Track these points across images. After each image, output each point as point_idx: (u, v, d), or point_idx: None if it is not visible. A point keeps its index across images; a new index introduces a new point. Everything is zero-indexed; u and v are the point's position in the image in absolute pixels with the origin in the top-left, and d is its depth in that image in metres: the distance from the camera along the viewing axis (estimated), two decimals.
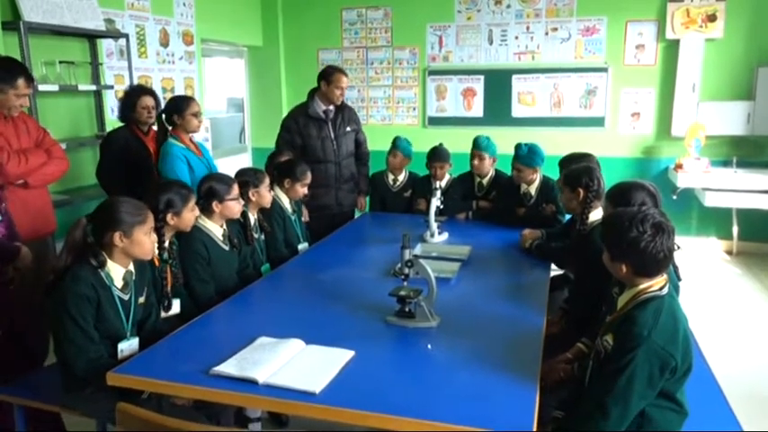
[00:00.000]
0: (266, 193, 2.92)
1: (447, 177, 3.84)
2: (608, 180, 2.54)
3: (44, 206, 2.80)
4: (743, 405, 2.03)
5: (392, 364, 1.87)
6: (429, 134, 5.72)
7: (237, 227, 2.78)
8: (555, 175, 3.43)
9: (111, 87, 4.13)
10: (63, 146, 3.03)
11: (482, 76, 5.81)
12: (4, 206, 2.43)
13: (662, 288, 1.64)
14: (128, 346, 1.99)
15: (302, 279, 2.67)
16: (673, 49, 5.28)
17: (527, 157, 3.38)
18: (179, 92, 4.91)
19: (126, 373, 1.73)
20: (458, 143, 4.29)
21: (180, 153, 3.04)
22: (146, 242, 2.01)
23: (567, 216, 3.19)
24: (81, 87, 3.81)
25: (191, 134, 3.16)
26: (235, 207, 2.62)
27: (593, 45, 5.51)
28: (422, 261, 2.12)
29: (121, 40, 4.19)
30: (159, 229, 2.20)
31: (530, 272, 2.75)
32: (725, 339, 3.57)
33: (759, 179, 4.85)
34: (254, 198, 2.87)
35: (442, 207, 3.25)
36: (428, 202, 3.22)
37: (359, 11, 6.05)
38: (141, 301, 2.10)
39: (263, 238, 2.99)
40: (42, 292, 1.95)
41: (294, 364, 1.74)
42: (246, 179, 2.85)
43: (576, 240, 2.53)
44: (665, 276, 1.67)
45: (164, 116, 3.12)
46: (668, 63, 5.33)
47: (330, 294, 2.39)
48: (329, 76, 3.68)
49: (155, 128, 3.42)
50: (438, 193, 3.19)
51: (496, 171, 3.77)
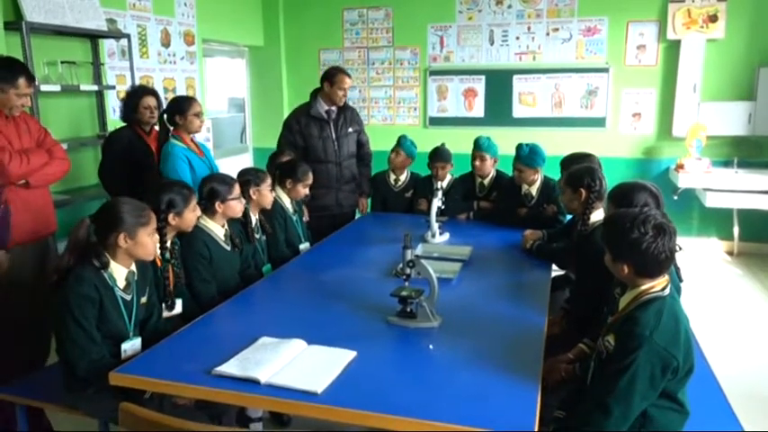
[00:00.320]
0: (267, 193, 2.93)
1: (448, 178, 3.84)
2: (609, 180, 2.55)
3: (45, 206, 2.80)
4: (744, 405, 2.04)
5: (394, 364, 1.87)
6: (430, 134, 5.72)
7: (239, 226, 2.79)
8: (555, 175, 3.43)
9: (113, 87, 4.14)
10: (64, 146, 3.03)
11: (483, 77, 5.81)
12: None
13: (664, 289, 1.65)
14: (131, 346, 2.00)
15: (304, 279, 2.68)
16: (674, 49, 5.28)
17: (528, 157, 3.38)
18: (180, 92, 4.91)
19: (128, 373, 1.73)
20: (459, 143, 4.28)
21: (181, 153, 3.04)
22: (149, 243, 2.02)
23: (568, 217, 3.19)
24: (83, 87, 3.82)
25: (192, 134, 3.17)
26: (237, 206, 2.64)
27: (594, 45, 5.51)
28: (423, 261, 2.12)
29: (123, 41, 4.19)
30: (161, 230, 2.21)
31: (531, 272, 2.75)
32: (726, 340, 3.57)
33: (760, 179, 4.85)
34: (255, 196, 2.88)
35: (443, 207, 3.25)
36: (429, 203, 3.23)
37: (360, 11, 6.05)
38: (143, 300, 2.10)
39: (264, 238, 3.00)
40: (44, 292, 1.95)
41: (296, 365, 1.74)
42: (248, 178, 2.88)
43: (578, 241, 2.53)
44: (666, 277, 1.67)
45: (165, 116, 3.12)
46: (669, 63, 5.33)
47: (332, 294, 2.39)
48: (333, 77, 3.69)
49: (157, 128, 3.43)
50: (439, 194, 3.20)
51: (497, 172, 3.77)
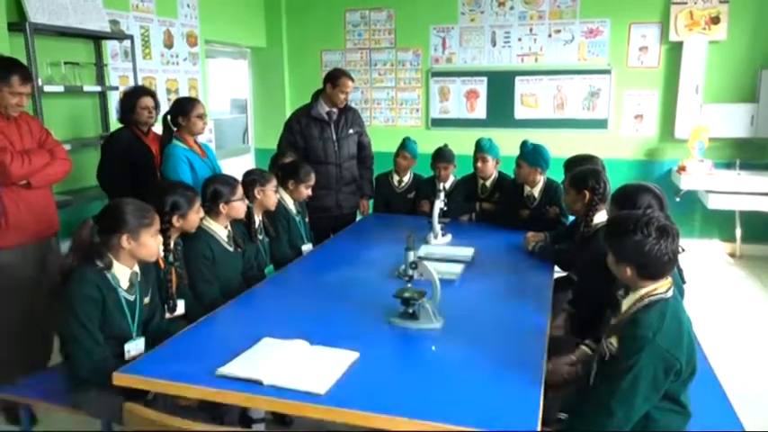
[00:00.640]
0: (272, 194, 2.93)
1: (451, 179, 3.85)
2: (611, 182, 2.55)
3: (47, 206, 2.80)
4: (746, 406, 2.04)
5: (396, 365, 1.88)
6: (432, 136, 5.71)
7: (242, 227, 2.79)
8: (556, 175, 3.43)
9: (116, 88, 4.13)
10: (67, 147, 3.03)
11: (485, 78, 5.81)
12: None
13: (667, 291, 1.65)
14: (134, 346, 2.00)
15: (306, 280, 2.68)
16: (676, 51, 5.27)
17: (530, 154, 3.37)
18: (183, 93, 4.92)
19: (132, 374, 1.74)
20: (461, 145, 4.28)
21: (182, 154, 3.04)
22: (152, 244, 2.02)
23: (571, 218, 3.19)
24: (86, 88, 3.82)
25: (195, 136, 3.17)
26: (240, 207, 2.65)
27: (596, 47, 5.50)
28: (426, 263, 2.12)
29: (126, 42, 4.19)
30: (164, 231, 2.21)
31: (533, 274, 2.74)
32: (728, 341, 3.56)
33: (762, 181, 4.84)
34: (259, 196, 2.89)
35: (445, 209, 3.25)
36: (432, 204, 3.23)
37: (362, 12, 6.05)
38: (146, 301, 2.11)
39: (266, 239, 3.00)
40: (46, 293, 1.96)
41: (299, 365, 1.75)
42: (254, 177, 2.89)
43: (580, 243, 2.53)
44: (669, 279, 1.67)
45: (169, 118, 3.12)
46: (671, 65, 5.32)
47: (334, 295, 2.39)
48: (335, 79, 3.68)
49: (154, 129, 3.43)
50: (442, 195, 3.20)
51: (500, 173, 3.77)
